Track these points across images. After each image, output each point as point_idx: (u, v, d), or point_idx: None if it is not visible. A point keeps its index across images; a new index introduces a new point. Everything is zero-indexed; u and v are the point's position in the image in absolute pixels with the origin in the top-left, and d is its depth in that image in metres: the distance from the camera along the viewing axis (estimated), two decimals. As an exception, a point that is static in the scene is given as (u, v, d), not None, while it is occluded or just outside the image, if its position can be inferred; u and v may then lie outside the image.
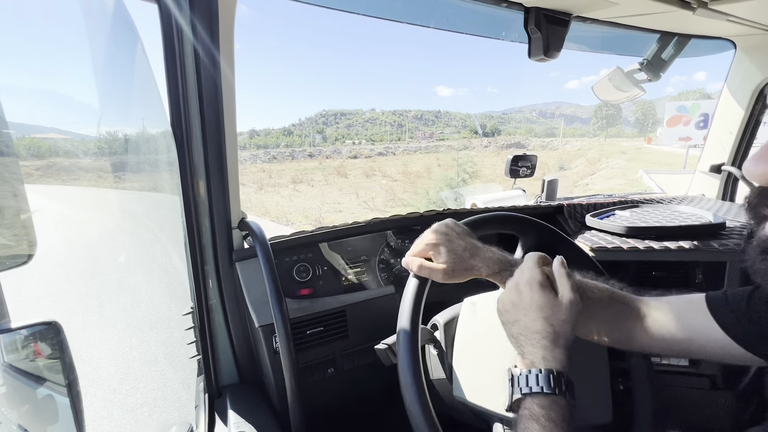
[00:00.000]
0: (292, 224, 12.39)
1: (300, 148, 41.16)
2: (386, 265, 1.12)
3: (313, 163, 31.42)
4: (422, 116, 71.80)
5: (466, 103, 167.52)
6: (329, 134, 59.09)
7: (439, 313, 0.79)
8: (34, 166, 11.75)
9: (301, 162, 32.74)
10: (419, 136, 55.07)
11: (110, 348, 3.16)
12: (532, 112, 72.37)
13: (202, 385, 0.94)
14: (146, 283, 4.38)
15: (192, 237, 0.87)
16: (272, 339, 0.90)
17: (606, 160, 26.46)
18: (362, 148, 37.79)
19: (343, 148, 39.56)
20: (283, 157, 35.57)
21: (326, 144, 50.68)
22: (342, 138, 55.84)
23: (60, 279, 4.60)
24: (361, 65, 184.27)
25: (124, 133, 2.28)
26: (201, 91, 0.78)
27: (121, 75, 1.05)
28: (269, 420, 0.84)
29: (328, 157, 34.81)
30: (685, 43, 1.37)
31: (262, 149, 41.30)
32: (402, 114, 70.73)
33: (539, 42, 1.06)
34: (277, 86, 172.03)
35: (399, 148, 38.81)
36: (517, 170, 1.84)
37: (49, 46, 22.02)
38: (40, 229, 0.47)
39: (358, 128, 65.13)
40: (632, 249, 1.13)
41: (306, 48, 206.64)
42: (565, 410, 0.47)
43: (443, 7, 1.13)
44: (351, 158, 33.86)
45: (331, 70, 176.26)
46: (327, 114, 70.72)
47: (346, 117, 69.11)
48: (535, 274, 0.56)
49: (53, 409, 0.50)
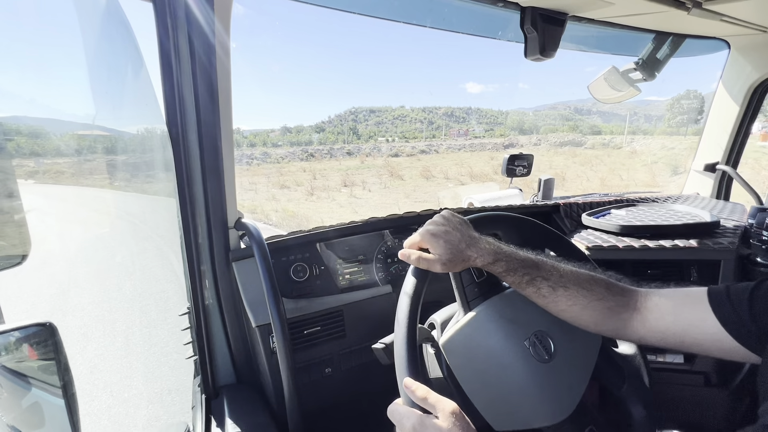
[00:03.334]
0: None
1: (338, 146, 39.37)
2: (383, 265, 1.12)
3: (354, 162, 28.63)
4: (452, 113, 69.93)
5: (497, 99, 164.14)
6: (362, 132, 57.86)
7: (436, 312, 0.80)
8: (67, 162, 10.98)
9: (341, 160, 29.76)
10: (453, 134, 53.22)
11: (105, 348, 3.14)
12: (566, 108, 70.06)
13: (198, 385, 0.94)
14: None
15: (188, 237, 0.86)
16: (269, 339, 0.90)
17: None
18: (402, 146, 35.81)
19: (382, 145, 38.03)
20: (321, 154, 32.70)
21: (360, 141, 49.30)
22: (374, 135, 54.50)
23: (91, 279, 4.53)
24: (389, 63, 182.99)
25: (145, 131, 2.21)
26: (197, 90, 0.78)
27: (115, 74, 1.04)
28: (266, 420, 0.84)
29: (368, 155, 32.34)
30: (680, 42, 1.38)
31: (296, 146, 39.46)
32: (432, 111, 69.08)
33: (535, 41, 1.06)
34: (308, 85, 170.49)
35: (442, 146, 37.00)
36: (514, 169, 1.85)
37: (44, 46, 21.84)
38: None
39: (387, 125, 63.18)
40: (628, 247, 1.14)
41: (334, 48, 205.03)
42: None
43: (440, 6, 1.13)
44: (392, 156, 31.05)
45: (360, 68, 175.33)
46: (356, 111, 68.79)
47: (375, 114, 67.24)
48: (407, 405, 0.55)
49: (48, 411, 0.50)
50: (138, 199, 7.68)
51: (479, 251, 0.63)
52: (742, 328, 0.53)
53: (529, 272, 0.63)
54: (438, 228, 0.65)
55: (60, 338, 0.48)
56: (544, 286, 0.63)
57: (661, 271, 1.16)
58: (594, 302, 0.62)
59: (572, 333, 0.69)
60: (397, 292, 0.86)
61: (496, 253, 0.64)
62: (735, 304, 0.54)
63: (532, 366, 0.65)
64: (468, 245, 0.64)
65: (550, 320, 0.69)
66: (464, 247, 0.63)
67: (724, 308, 0.55)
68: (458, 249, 0.63)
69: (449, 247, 0.63)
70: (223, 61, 0.77)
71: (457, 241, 0.64)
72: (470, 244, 0.64)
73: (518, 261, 0.64)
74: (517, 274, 0.63)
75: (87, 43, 1.02)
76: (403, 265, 1.14)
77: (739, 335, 0.53)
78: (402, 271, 1.13)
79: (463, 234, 0.65)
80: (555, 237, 0.83)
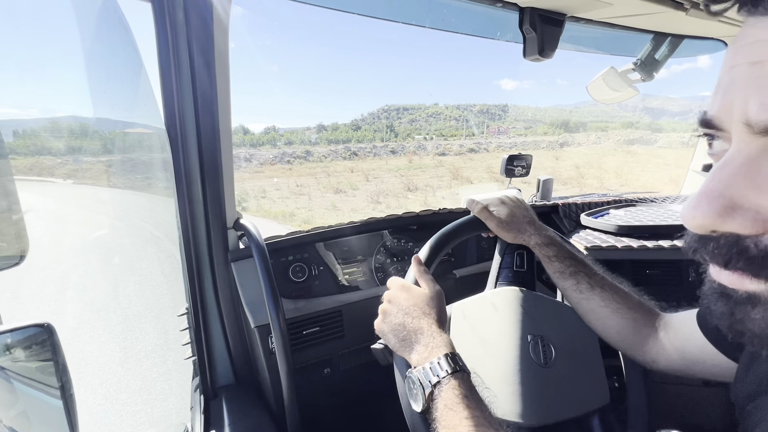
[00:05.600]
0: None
1: (380, 144, 37.80)
2: (382, 265, 1.12)
3: (401, 161, 26.18)
4: (488, 110, 68.56)
5: (533, 95, 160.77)
6: (398, 129, 56.64)
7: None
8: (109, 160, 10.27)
9: (386, 159, 27.53)
10: (493, 131, 51.96)
11: (104, 349, 3.13)
12: (609, 105, 68.42)
13: (197, 386, 0.93)
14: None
15: (187, 237, 0.86)
16: (268, 339, 0.89)
17: None
18: (448, 144, 34.09)
19: (427, 144, 36.60)
20: (364, 153, 31.55)
21: (398, 139, 47.97)
22: (411, 133, 53.30)
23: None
24: (421, 60, 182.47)
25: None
26: (195, 91, 0.78)
27: (113, 75, 1.04)
28: (265, 421, 0.84)
29: (414, 154, 30.73)
30: (678, 43, 1.38)
31: (334, 144, 37.76)
32: (466, 108, 68.08)
33: (534, 42, 1.07)
34: (341, 83, 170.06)
35: (491, 144, 35.67)
36: (512, 170, 1.85)
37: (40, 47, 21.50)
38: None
39: (421, 123, 62.15)
40: (626, 248, 1.14)
41: (365, 48, 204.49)
42: (470, 382, 0.52)
43: (438, 6, 1.13)
44: (439, 155, 29.35)
45: (392, 65, 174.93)
46: (389, 109, 67.47)
47: (408, 112, 65.96)
48: (408, 278, 0.65)
49: (46, 412, 0.50)
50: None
51: (537, 231, 0.71)
52: (726, 342, 0.53)
53: (574, 265, 0.67)
54: (508, 200, 0.75)
55: (58, 339, 0.48)
56: (583, 282, 0.66)
57: (659, 271, 1.16)
58: (624, 310, 0.63)
59: (573, 341, 0.70)
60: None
61: (552, 238, 0.70)
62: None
63: (530, 364, 0.66)
64: (529, 222, 0.72)
65: (558, 329, 0.70)
66: (525, 222, 0.72)
67: (709, 326, 0.55)
68: (519, 221, 0.72)
69: (512, 215, 0.72)
70: (222, 61, 0.77)
71: (520, 215, 0.73)
72: (531, 222, 0.72)
73: (567, 252, 0.69)
74: (564, 263, 0.67)
75: (84, 45, 1.02)
76: (402, 265, 1.14)
77: (723, 348, 0.53)
78: (401, 272, 1.13)
79: (527, 213, 0.74)
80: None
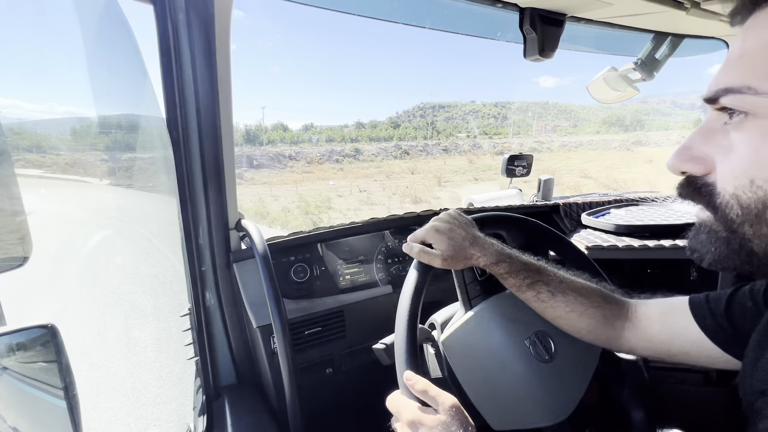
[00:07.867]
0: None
1: (432, 142, 35.36)
2: (384, 265, 1.12)
3: (459, 161, 23.73)
4: (527, 108, 66.66)
5: (573, 93, 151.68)
6: (440, 128, 55.50)
7: (437, 312, 0.80)
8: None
9: (443, 159, 24.57)
10: (539, 129, 50.49)
11: (107, 350, 3.14)
12: (661, 102, 64.51)
13: (200, 386, 0.94)
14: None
15: (189, 238, 0.86)
16: (270, 340, 0.90)
17: None
18: (506, 143, 32.46)
19: (483, 142, 35.05)
20: (416, 152, 29.04)
21: (440, 137, 46.25)
22: (453, 131, 51.39)
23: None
24: (457, 57, 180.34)
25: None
26: (197, 92, 0.78)
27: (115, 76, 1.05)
28: (268, 421, 0.84)
29: (471, 153, 28.50)
30: (679, 42, 1.38)
31: (376, 142, 34.72)
32: (504, 105, 65.30)
33: (534, 42, 1.07)
34: (378, 81, 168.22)
35: (554, 143, 33.59)
36: (513, 170, 1.86)
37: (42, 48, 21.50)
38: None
39: (458, 120, 60.20)
40: (627, 247, 1.14)
41: (401, 46, 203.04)
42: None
43: (438, 7, 1.13)
44: (498, 155, 26.75)
45: (428, 63, 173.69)
46: (425, 107, 65.64)
47: (444, 110, 64.17)
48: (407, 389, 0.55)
49: (50, 413, 0.50)
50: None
51: (482, 250, 0.64)
52: (722, 333, 0.54)
53: (530, 276, 0.64)
54: (443, 225, 0.65)
55: (61, 340, 0.48)
56: (543, 291, 0.63)
57: (660, 270, 1.16)
58: (591, 310, 0.63)
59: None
60: (397, 292, 0.86)
61: (499, 254, 0.64)
62: (714, 311, 0.55)
63: (532, 366, 0.66)
64: (471, 244, 0.64)
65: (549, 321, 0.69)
66: (467, 245, 0.64)
67: (705, 316, 0.55)
68: (461, 246, 0.64)
69: (452, 243, 0.64)
70: (224, 62, 0.77)
71: (460, 238, 0.64)
72: (474, 242, 0.65)
73: (520, 264, 0.64)
74: (519, 276, 0.64)
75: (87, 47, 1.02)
76: (404, 265, 1.14)
77: (720, 342, 0.54)
78: (402, 272, 1.13)
79: (468, 232, 0.66)
80: (558, 238, 0.83)
